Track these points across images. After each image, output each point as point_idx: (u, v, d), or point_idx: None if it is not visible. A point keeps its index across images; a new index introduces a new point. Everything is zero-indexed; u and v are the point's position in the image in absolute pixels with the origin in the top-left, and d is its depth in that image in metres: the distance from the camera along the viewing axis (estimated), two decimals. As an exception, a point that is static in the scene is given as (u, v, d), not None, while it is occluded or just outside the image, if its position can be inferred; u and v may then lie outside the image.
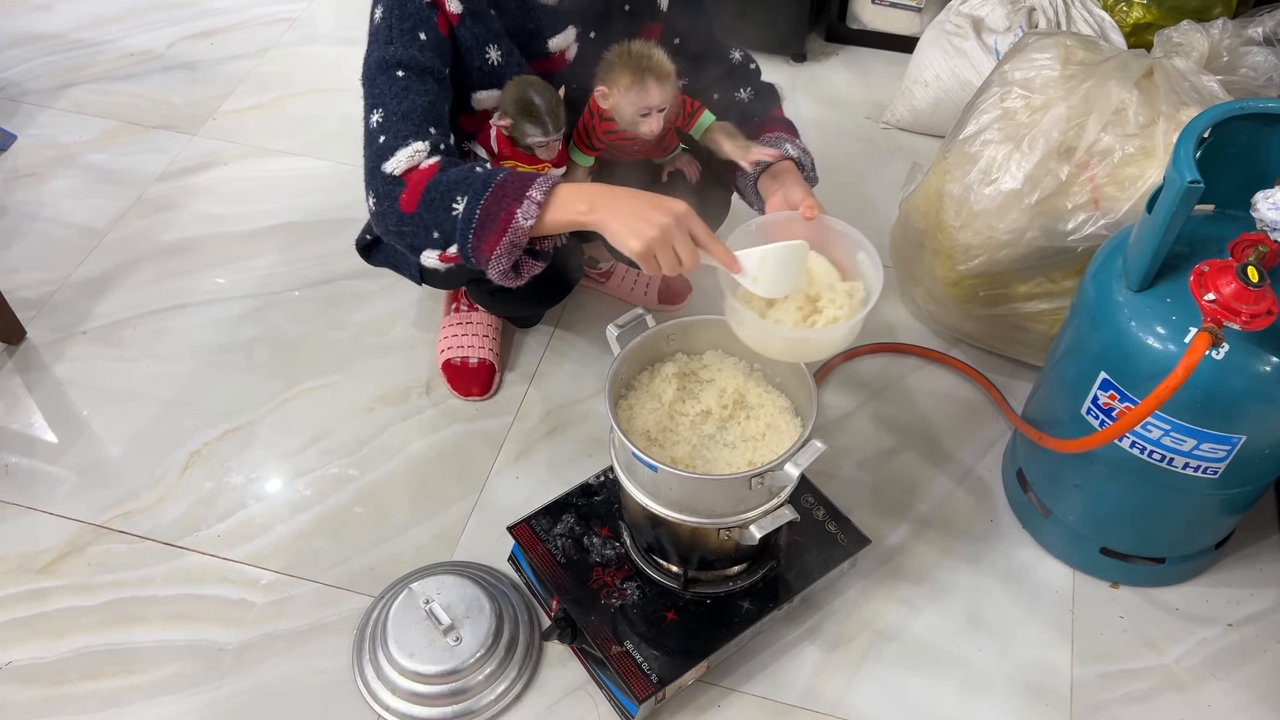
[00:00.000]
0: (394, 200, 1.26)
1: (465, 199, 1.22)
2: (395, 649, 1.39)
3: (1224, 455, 1.29)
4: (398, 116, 1.28)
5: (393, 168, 1.26)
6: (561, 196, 1.22)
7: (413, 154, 1.26)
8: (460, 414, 1.77)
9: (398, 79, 1.30)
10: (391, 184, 1.26)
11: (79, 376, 1.81)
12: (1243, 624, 1.52)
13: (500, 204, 1.21)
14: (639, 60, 1.33)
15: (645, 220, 1.18)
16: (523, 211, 1.20)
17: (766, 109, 1.55)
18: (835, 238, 1.32)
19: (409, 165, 1.26)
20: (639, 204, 1.20)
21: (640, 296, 1.93)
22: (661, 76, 1.34)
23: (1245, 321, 1.13)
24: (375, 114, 1.30)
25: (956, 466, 1.70)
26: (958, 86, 2.17)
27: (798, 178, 1.43)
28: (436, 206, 1.24)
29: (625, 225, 1.18)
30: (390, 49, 1.31)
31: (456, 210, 1.23)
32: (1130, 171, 1.53)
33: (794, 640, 1.49)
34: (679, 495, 1.28)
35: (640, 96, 1.34)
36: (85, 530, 1.60)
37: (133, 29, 2.56)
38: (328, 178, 2.19)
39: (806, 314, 1.27)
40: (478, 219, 1.21)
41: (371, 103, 1.32)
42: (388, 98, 1.30)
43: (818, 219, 1.32)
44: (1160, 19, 2.14)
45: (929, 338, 1.89)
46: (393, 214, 1.27)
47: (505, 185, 1.22)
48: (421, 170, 1.26)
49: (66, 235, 2.05)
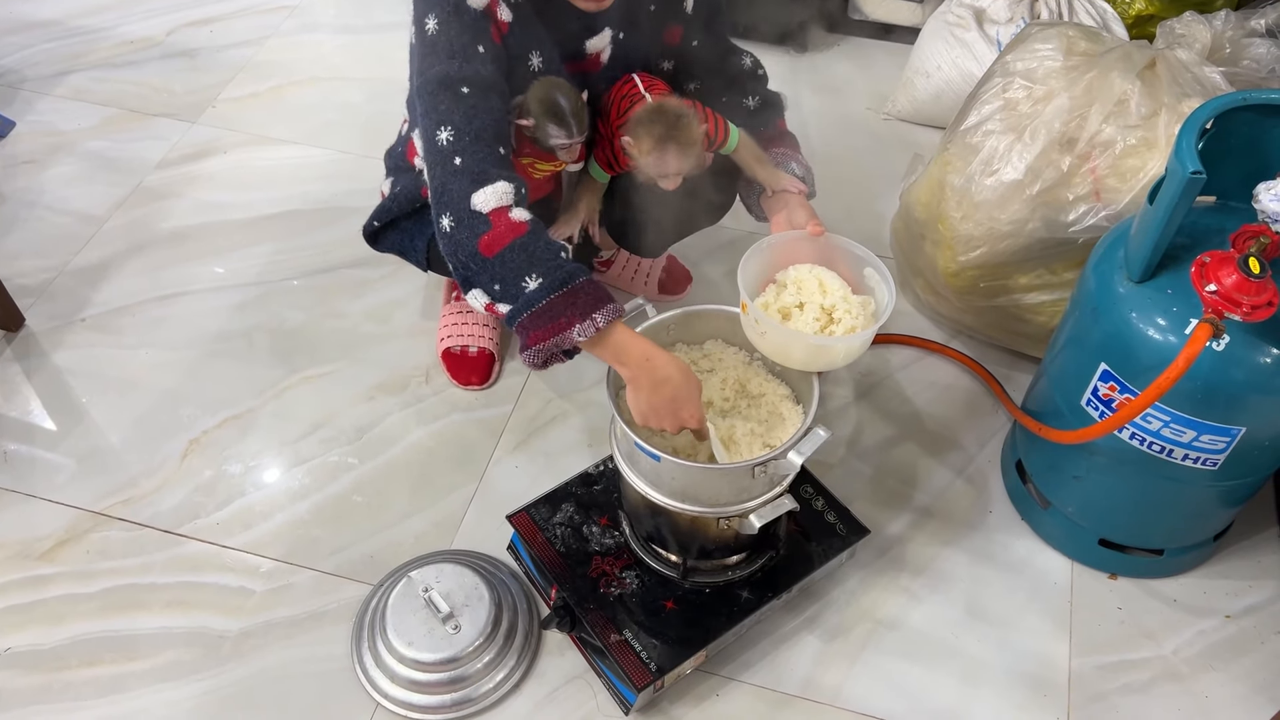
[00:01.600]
0: (475, 237, 1.25)
1: (540, 281, 1.23)
2: (394, 637, 1.39)
3: (1223, 447, 1.29)
4: (470, 136, 1.28)
5: (481, 204, 1.25)
6: (616, 337, 1.25)
7: (502, 195, 1.25)
8: (460, 403, 1.77)
9: (463, 96, 1.29)
10: (477, 220, 1.25)
11: (78, 364, 1.81)
12: (1241, 616, 1.52)
13: (566, 308, 1.23)
14: (667, 128, 1.34)
15: (663, 415, 1.25)
16: (581, 328, 1.23)
17: (771, 120, 1.56)
18: (842, 255, 1.37)
19: (498, 205, 1.25)
20: (666, 401, 1.25)
21: (641, 285, 1.93)
22: (685, 145, 1.35)
23: (1246, 313, 1.13)
24: (444, 130, 1.28)
25: (956, 457, 1.70)
26: (959, 77, 2.16)
27: (801, 198, 1.47)
28: (510, 269, 1.24)
29: (641, 405, 1.25)
30: (453, 64, 1.29)
31: (527, 285, 1.24)
32: (1132, 163, 1.53)
33: (793, 630, 1.49)
34: (680, 485, 1.28)
35: (659, 162, 1.36)
36: (84, 517, 1.60)
37: (132, 16, 2.55)
38: (327, 166, 2.19)
39: (823, 325, 1.31)
40: (540, 307, 1.23)
41: (438, 119, 1.29)
42: (456, 116, 1.28)
43: (825, 237, 1.37)
44: (1162, 10, 2.13)
45: (929, 329, 1.89)
46: (468, 248, 1.26)
47: (579, 293, 1.23)
48: (511, 221, 1.25)
49: (65, 223, 2.05)
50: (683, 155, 1.36)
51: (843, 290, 1.33)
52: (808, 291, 1.33)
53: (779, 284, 1.36)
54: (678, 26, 1.51)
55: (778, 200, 1.47)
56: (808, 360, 1.30)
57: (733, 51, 1.58)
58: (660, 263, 1.93)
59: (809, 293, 1.33)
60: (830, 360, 1.31)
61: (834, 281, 1.34)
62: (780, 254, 1.38)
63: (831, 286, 1.33)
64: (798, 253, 1.38)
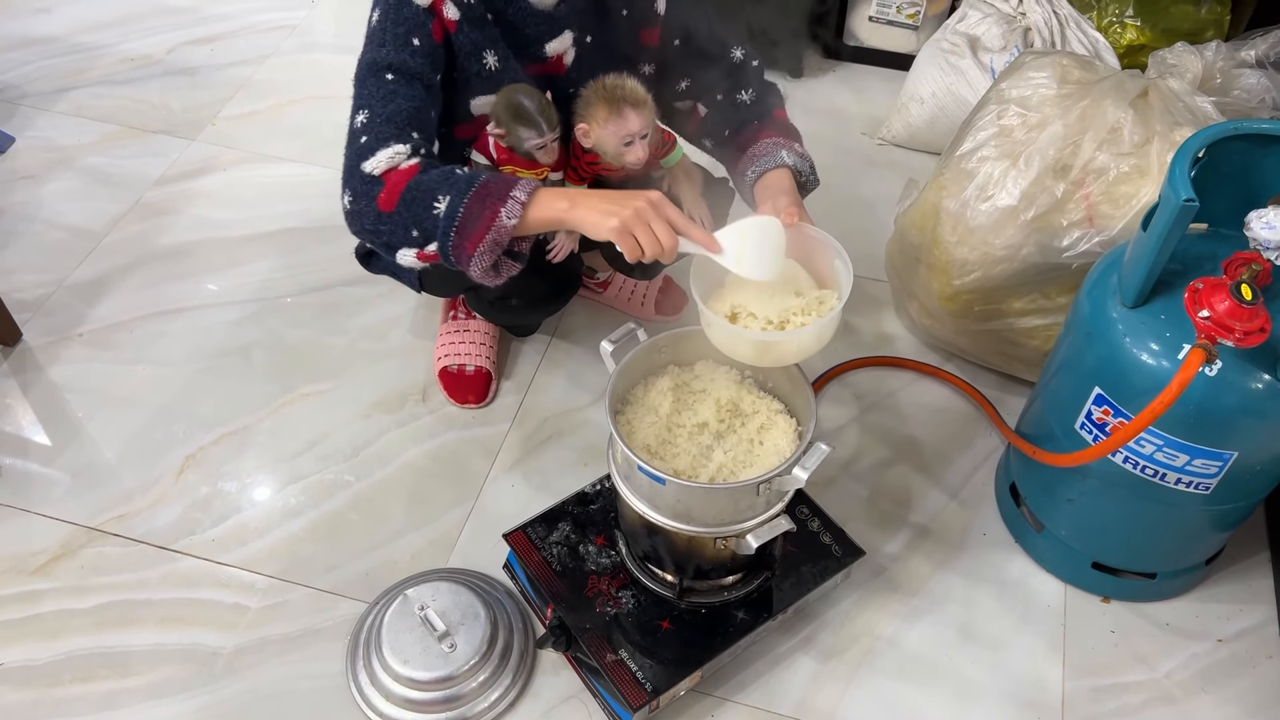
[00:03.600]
0: (371, 199, 1.27)
1: (448, 198, 1.24)
2: (389, 655, 1.39)
3: (1216, 471, 1.30)
4: (382, 119, 1.30)
5: (372, 167, 1.27)
6: (543, 197, 1.25)
7: (393, 155, 1.27)
8: (456, 421, 1.77)
9: (386, 81, 1.31)
10: (370, 183, 1.27)
11: (74, 379, 1.81)
12: (1233, 639, 1.53)
13: (484, 203, 1.23)
14: (613, 91, 1.35)
15: (619, 204, 1.23)
16: (506, 211, 1.23)
17: (768, 110, 1.56)
18: (814, 245, 1.36)
19: (389, 165, 1.27)
20: (614, 194, 1.25)
21: (638, 307, 1.94)
22: (637, 103, 1.35)
23: (1239, 338, 1.15)
24: (360, 115, 1.31)
25: (950, 480, 1.71)
26: (954, 104, 2.19)
27: (788, 188, 1.45)
28: (417, 205, 1.25)
29: (600, 212, 1.22)
30: (382, 51, 1.32)
31: (438, 209, 1.24)
32: (1125, 190, 1.55)
33: (788, 651, 1.49)
34: (679, 505, 1.28)
35: (619, 126, 1.36)
36: (79, 533, 1.59)
37: (133, 33, 2.56)
38: (326, 184, 2.20)
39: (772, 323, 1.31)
40: (460, 217, 1.23)
41: (358, 103, 1.33)
42: (374, 100, 1.31)
43: (797, 226, 1.35)
44: (1154, 41, 2.16)
45: (924, 352, 1.91)
46: (369, 213, 1.28)
47: (489, 186, 1.24)
48: (401, 170, 1.27)
49: (64, 238, 2.05)
50: (639, 113, 1.35)
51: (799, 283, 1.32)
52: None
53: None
54: (653, 28, 1.52)
55: (766, 188, 1.46)
56: (756, 356, 1.30)
57: (721, 46, 1.56)
58: (657, 283, 1.94)
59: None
60: (782, 356, 1.30)
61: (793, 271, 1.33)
62: None
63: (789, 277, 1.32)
64: None
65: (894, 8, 2.42)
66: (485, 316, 1.79)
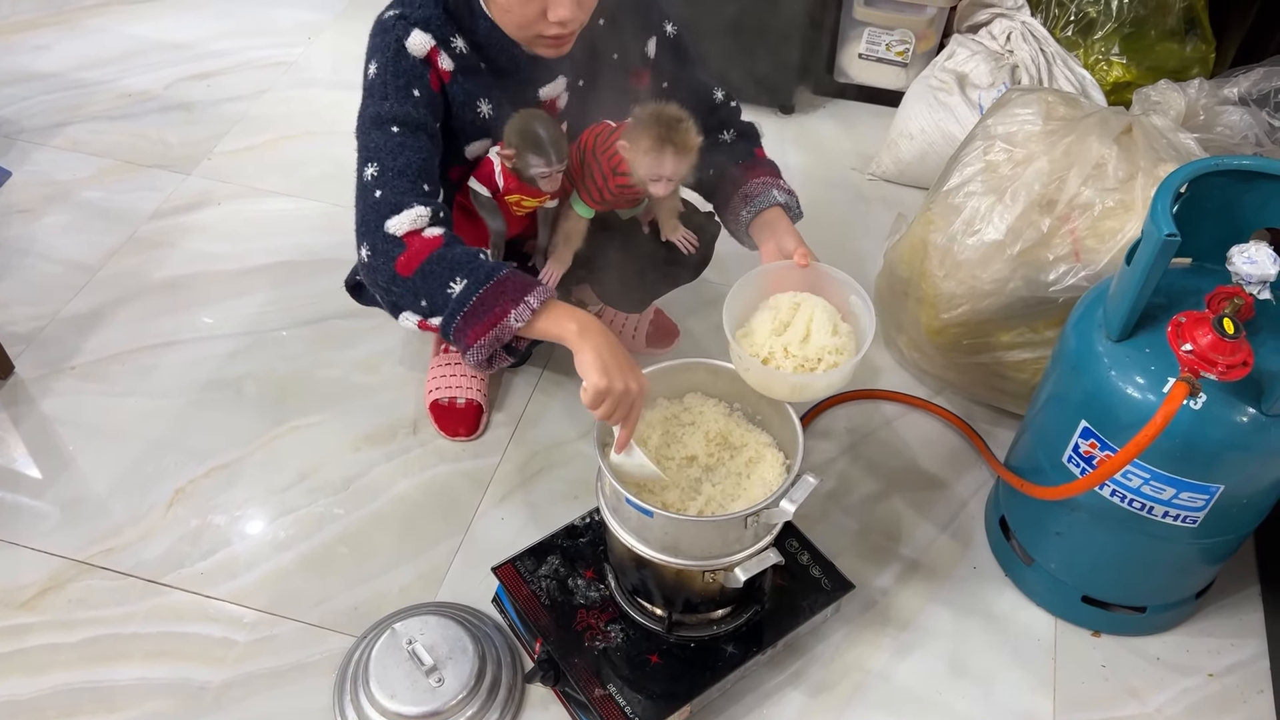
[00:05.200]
0: (390, 260, 1.29)
1: (465, 282, 1.26)
2: (377, 689, 1.38)
3: (1203, 504, 1.30)
4: (393, 172, 1.32)
5: (394, 228, 1.29)
6: (554, 311, 1.27)
7: (415, 218, 1.29)
8: (447, 454, 1.77)
9: (392, 134, 1.33)
10: (391, 244, 1.29)
11: (66, 412, 1.81)
12: (1224, 674, 1.53)
13: (497, 299, 1.25)
14: (667, 129, 1.36)
15: (617, 372, 1.23)
16: (516, 313, 1.25)
17: (749, 150, 1.60)
18: (830, 283, 1.40)
19: (411, 228, 1.29)
20: (618, 357, 1.25)
21: (629, 339, 1.95)
22: (682, 150, 1.37)
23: (1222, 372, 1.16)
24: (370, 167, 1.33)
25: (940, 513, 1.71)
26: (942, 139, 2.21)
27: (788, 224, 1.50)
28: (433, 279, 1.27)
29: (598, 363, 1.23)
30: (385, 105, 1.34)
31: (453, 290, 1.26)
32: (1110, 224, 1.56)
33: (778, 685, 1.49)
34: (668, 538, 1.28)
35: (655, 164, 1.38)
36: (67, 566, 1.59)
37: (130, 69, 2.59)
38: (320, 218, 2.21)
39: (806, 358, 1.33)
40: (471, 306, 1.25)
41: (366, 156, 1.34)
42: (383, 153, 1.33)
43: (812, 266, 1.40)
44: (1139, 78, 2.19)
45: (913, 385, 1.91)
46: (386, 271, 1.29)
47: (506, 282, 1.26)
48: (425, 238, 1.29)
49: (58, 271, 2.06)
50: (679, 160, 1.37)
51: (833, 320, 1.35)
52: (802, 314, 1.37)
53: (772, 308, 1.38)
54: (643, 71, 1.55)
55: (766, 228, 1.50)
56: (791, 394, 1.33)
57: (703, 87, 1.61)
58: (648, 316, 1.95)
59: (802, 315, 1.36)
60: (815, 393, 1.34)
61: (824, 310, 1.36)
62: (769, 283, 1.41)
63: (820, 317, 1.35)
64: (785, 281, 1.41)
65: (884, 45, 2.45)
66: (477, 350, 1.80)
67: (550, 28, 1.32)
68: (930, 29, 2.39)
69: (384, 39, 1.36)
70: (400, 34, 1.35)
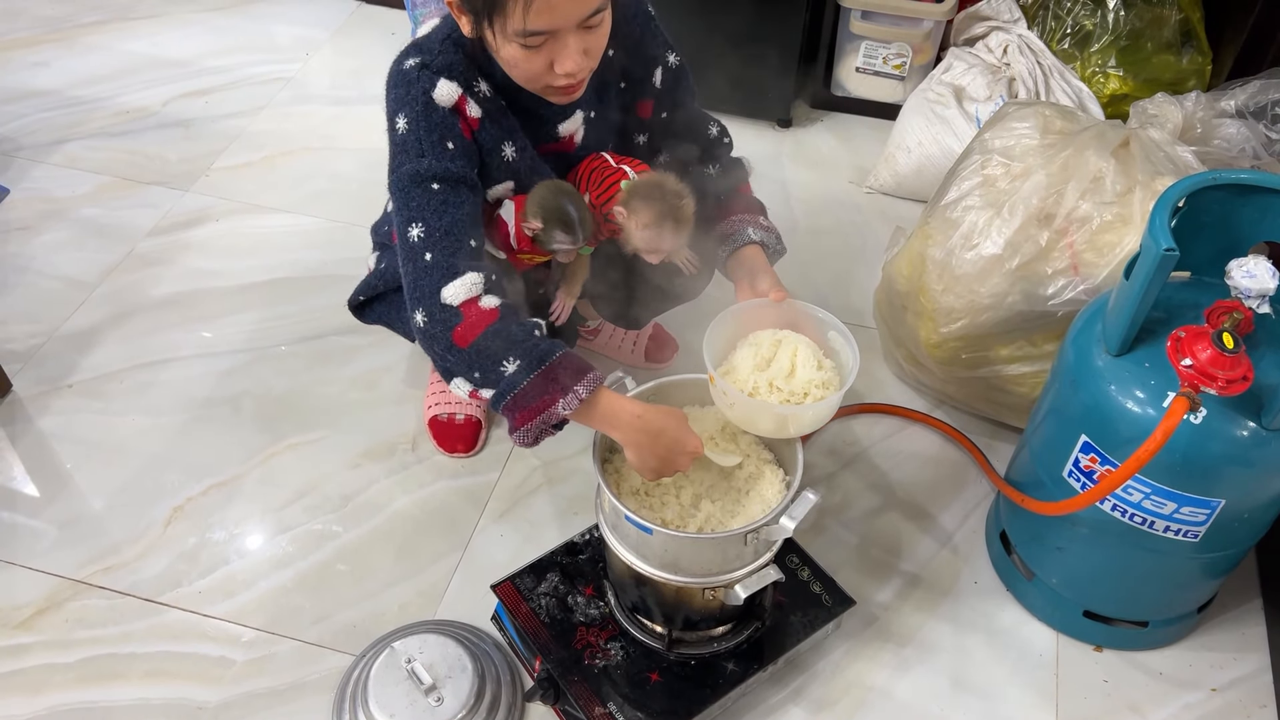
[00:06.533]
0: (448, 329, 1.29)
1: (518, 364, 1.27)
2: (376, 709, 1.37)
3: (1204, 519, 1.30)
4: (440, 232, 1.31)
5: (451, 297, 1.29)
6: (603, 405, 1.28)
7: (470, 286, 1.29)
8: (446, 470, 1.77)
9: (434, 192, 1.32)
10: (449, 313, 1.29)
11: (64, 430, 1.80)
12: (1226, 689, 1.52)
13: (547, 387, 1.26)
14: (667, 206, 1.37)
15: (668, 457, 1.28)
16: (564, 402, 1.26)
17: (733, 186, 1.59)
18: (805, 320, 1.40)
19: (467, 296, 1.29)
20: (664, 449, 1.28)
21: (628, 354, 1.95)
22: (681, 224, 1.38)
23: (1221, 387, 1.16)
24: (415, 228, 1.32)
25: (940, 527, 1.71)
26: (940, 153, 2.21)
27: (763, 262, 1.50)
28: (487, 356, 1.28)
29: (646, 463, 1.28)
30: (423, 162, 1.32)
31: (505, 370, 1.27)
32: (1108, 238, 1.56)
33: (779, 702, 1.48)
34: (667, 555, 1.28)
35: (655, 239, 1.39)
36: (65, 585, 1.58)
37: (129, 86, 2.59)
38: (318, 234, 2.21)
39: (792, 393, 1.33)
40: (522, 390, 1.26)
41: (409, 216, 1.32)
42: (427, 212, 1.32)
43: (787, 302, 1.40)
44: (1136, 90, 2.20)
45: (912, 399, 1.91)
46: (443, 340, 1.30)
47: (558, 368, 1.26)
48: (482, 310, 1.29)
49: (56, 288, 2.06)
50: (677, 233, 1.39)
51: (816, 356, 1.35)
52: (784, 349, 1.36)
53: (753, 344, 1.37)
54: (649, 101, 1.55)
55: (741, 266, 1.50)
56: (776, 428, 1.32)
57: (700, 120, 1.61)
58: (647, 331, 1.95)
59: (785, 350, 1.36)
60: (799, 427, 1.32)
61: (806, 346, 1.36)
62: (746, 321, 1.41)
63: (803, 354, 1.35)
64: (761, 319, 1.41)
65: (881, 58, 2.45)
66: (475, 366, 1.80)
67: (559, 79, 1.30)
68: (927, 42, 2.40)
69: (409, 91, 1.33)
70: (426, 85, 1.32)
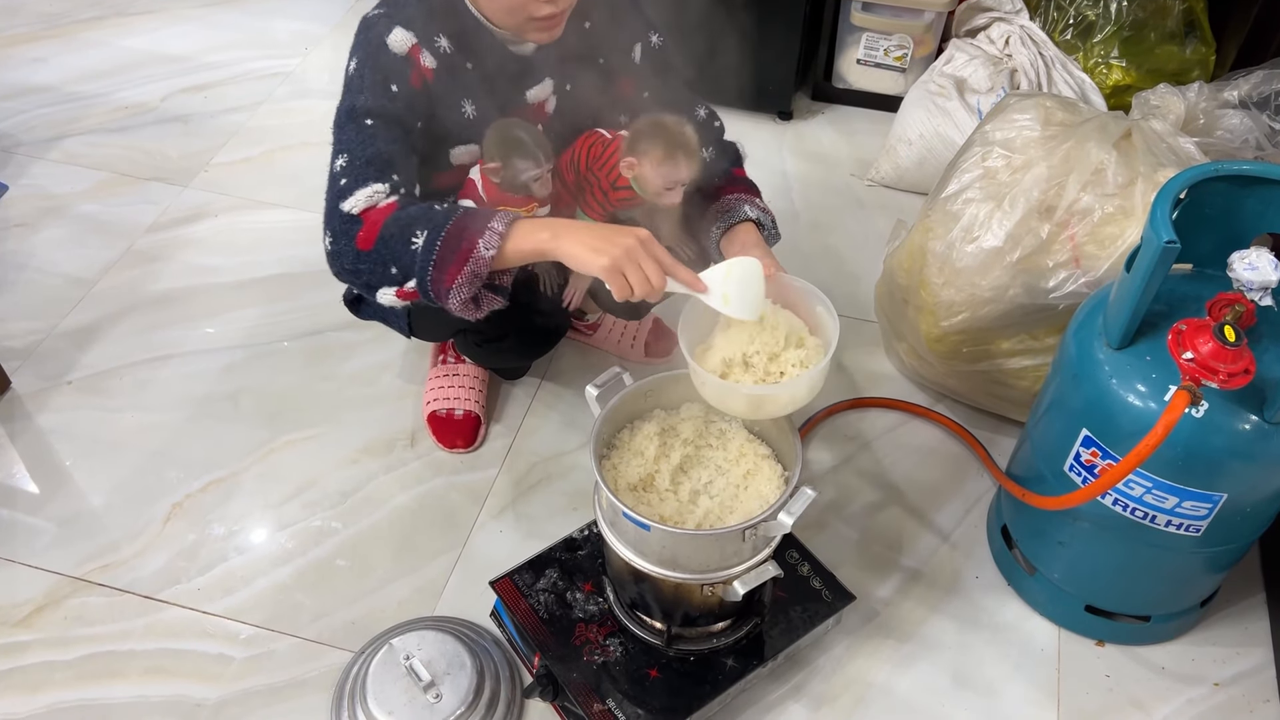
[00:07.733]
0: (351, 239, 1.27)
1: (425, 232, 1.23)
2: (375, 706, 1.37)
3: (1206, 513, 1.29)
4: (361, 161, 1.30)
5: (350, 207, 1.27)
6: (522, 228, 1.24)
7: (371, 194, 1.27)
8: (445, 466, 1.76)
9: (365, 126, 1.32)
10: (349, 223, 1.27)
11: (63, 427, 1.80)
12: (1229, 683, 1.51)
13: (461, 235, 1.22)
14: (674, 137, 1.35)
15: (608, 241, 1.21)
16: (484, 241, 1.22)
17: (727, 168, 1.58)
18: (795, 294, 1.37)
19: (367, 204, 1.27)
20: (601, 229, 1.23)
21: (627, 349, 1.94)
22: (691, 153, 1.37)
23: (1223, 380, 1.15)
24: (340, 159, 1.31)
25: (942, 522, 1.70)
26: (941, 145, 2.20)
27: (756, 239, 1.48)
28: (395, 241, 1.24)
29: (588, 247, 1.21)
30: (360, 98, 1.33)
31: (416, 244, 1.23)
32: (1110, 230, 1.55)
33: (779, 698, 1.47)
34: (665, 551, 1.27)
35: (671, 171, 1.37)
36: (64, 583, 1.58)
37: (127, 82, 2.59)
38: (317, 230, 2.16)
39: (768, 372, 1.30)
40: (439, 250, 1.23)
41: (337, 149, 1.33)
42: (353, 144, 1.31)
43: (776, 277, 1.36)
44: (1139, 81, 2.18)
45: (914, 393, 1.90)
46: (349, 252, 1.28)
47: (466, 218, 1.24)
48: (380, 209, 1.27)
49: (55, 285, 2.06)
50: (690, 163, 1.37)
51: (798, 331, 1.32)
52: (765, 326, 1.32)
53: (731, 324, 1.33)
54: (629, 79, 1.53)
55: (734, 243, 1.48)
56: (751, 409, 1.30)
57: (686, 102, 1.59)
58: (646, 325, 1.94)
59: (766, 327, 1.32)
60: (776, 408, 1.29)
61: (787, 320, 1.32)
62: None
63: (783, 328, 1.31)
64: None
65: (882, 50, 2.44)
66: (474, 360, 1.79)
67: (541, 8, 1.29)
68: (928, 34, 2.38)
69: (366, 35, 1.35)
70: (382, 30, 1.33)
